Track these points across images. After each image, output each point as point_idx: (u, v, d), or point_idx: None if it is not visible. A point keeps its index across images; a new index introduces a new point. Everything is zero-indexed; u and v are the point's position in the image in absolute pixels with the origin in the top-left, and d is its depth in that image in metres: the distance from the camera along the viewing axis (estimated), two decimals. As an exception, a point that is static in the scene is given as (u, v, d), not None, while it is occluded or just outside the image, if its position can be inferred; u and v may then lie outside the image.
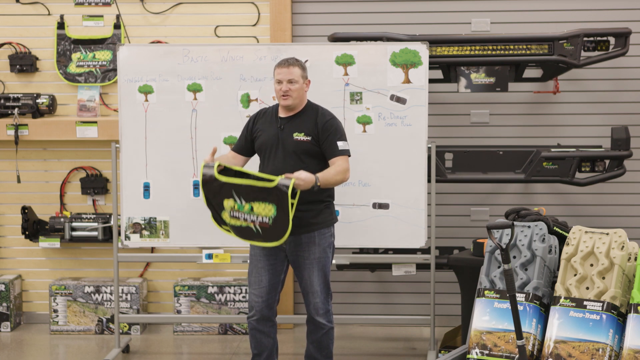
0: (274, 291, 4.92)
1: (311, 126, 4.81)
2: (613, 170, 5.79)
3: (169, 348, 6.16)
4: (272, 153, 4.83)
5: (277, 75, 4.82)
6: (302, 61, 4.89)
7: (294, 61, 4.83)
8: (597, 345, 4.24)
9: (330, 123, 4.83)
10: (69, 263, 6.63)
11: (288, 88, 4.78)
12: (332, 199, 4.92)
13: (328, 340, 4.95)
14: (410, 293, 6.55)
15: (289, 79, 4.78)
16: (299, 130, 4.81)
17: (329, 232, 4.88)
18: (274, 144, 4.83)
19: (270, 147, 4.84)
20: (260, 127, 4.91)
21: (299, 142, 4.79)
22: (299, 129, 4.81)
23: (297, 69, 4.81)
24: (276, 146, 4.82)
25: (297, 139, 4.79)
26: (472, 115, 6.42)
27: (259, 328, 4.94)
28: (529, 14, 6.32)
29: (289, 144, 4.79)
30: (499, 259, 4.70)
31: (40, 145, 6.54)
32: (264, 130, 4.88)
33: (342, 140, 4.83)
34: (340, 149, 4.80)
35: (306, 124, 4.82)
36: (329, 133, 4.79)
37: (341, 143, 4.82)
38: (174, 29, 6.45)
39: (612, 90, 6.35)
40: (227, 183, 4.65)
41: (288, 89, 4.78)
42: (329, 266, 4.91)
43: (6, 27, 6.51)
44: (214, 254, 5.70)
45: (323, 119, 4.83)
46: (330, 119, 4.85)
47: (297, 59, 4.87)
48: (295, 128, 4.82)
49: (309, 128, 4.81)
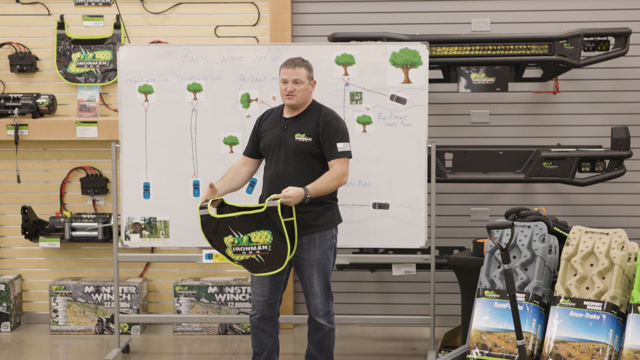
0: (276, 290, 4.91)
1: (313, 127, 4.78)
2: (613, 170, 5.79)
3: (169, 348, 6.16)
4: (275, 154, 4.82)
5: (282, 75, 4.80)
6: (309, 62, 4.87)
7: (301, 61, 4.81)
8: (597, 345, 4.24)
9: (331, 123, 4.79)
10: (69, 263, 6.63)
11: (293, 88, 4.77)
12: (335, 200, 4.90)
13: (329, 341, 4.95)
14: (410, 293, 6.55)
15: (294, 79, 4.77)
16: (300, 131, 4.79)
17: (330, 234, 4.86)
18: (277, 145, 4.81)
19: (273, 148, 4.83)
20: (265, 127, 4.90)
21: (300, 143, 4.77)
22: (301, 129, 4.79)
23: (304, 69, 4.79)
24: (279, 147, 4.81)
25: (298, 140, 4.78)
26: (472, 115, 6.42)
27: (260, 327, 4.94)
28: (529, 14, 6.32)
29: (291, 145, 4.77)
30: (499, 259, 4.70)
31: (40, 145, 6.54)
32: (268, 131, 4.87)
33: (343, 142, 4.79)
34: (339, 150, 4.76)
35: (308, 125, 4.80)
36: (329, 134, 4.77)
37: (341, 145, 4.78)
38: (174, 29, 6.45)
39: (612, 90, 6.35)
40: (222, 219, 4.64)
41: (293, 89, 4.77)
42: (330, 268, 4.89)
43: (6, 27, 6.51)
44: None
45: (325, 120, 4.80)
46: (332, 119, 4.82)
47: (303, 59, 4.84)
48: (297, 129, 4.80)
49: (311, 129, 4.78)
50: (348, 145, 4.81)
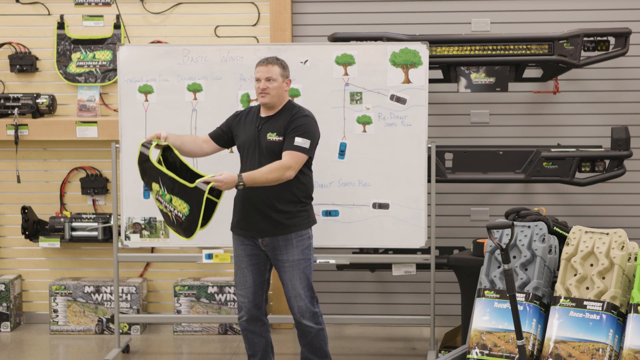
0: (260, 291, 4.93)
1: (284, 126, 4.77)
2: (613, 170, 5.78)
3: (169, 348, 6.16)
4: (249, 153, 4.82)
5: (256, 73, 4.81)
6: (284, 60, 4.87)
7: (274, 60, 4.81)
8: (597, 345, 4.24)
9: (298, 120, 4.76)
10: (69, 263, 6.63)
11: (266, 86, 4.76)
12: (310, 199, 4.89)
13: (320, 342, 4.94)
14: (410, 293, 6.55)
15: (267, 77, 4.77)
16: (272, 130, 4.78)
17: (306, 234, 4.86)
18: (252, 144, 4.81)
19: (248, 147, 4.83)
20: (242, 126, 4.90)
21: (272, 142, 4.76)
22: (273, 129, 4.78)
23: (277, 67, 4.79)
24: (254, 147, 4.81)
25: (270, 139, 4.77)
26: (472, 115, 6.42)
27: (249, 328, 4.96)
28: (529, 14, 6.32)
29: (264, 144, 4.77)
30: (499, 259, 4.70)
31: (40, 145, 6.54)
32: (244, 130, 4.87)
33: (303, 138, 4.72)
34: (294, 144, 4.70)
35: (280, 124, 4.78)
36: (292, 128, 4.74)
37: (300, 139, 4.72)
38: (174, 29, 6.45)
39: (612, 90, 6.35)
40: (155, 167, 4.66)
41: (266, 86, 4.76)
42: (311, 268, 4.89)
43: (6, 27, 6.51)
44: (214, 254, 5.70)
45: (294, 117, 4.77)
46: (300, 116, 4.79)
47: (278, 58, 4.85)
48: (270, 128, 4.79)
49: (282, 128, 4.77)
50: (307, 143, 4.73)
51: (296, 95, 5.58)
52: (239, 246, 4.90)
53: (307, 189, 4.85)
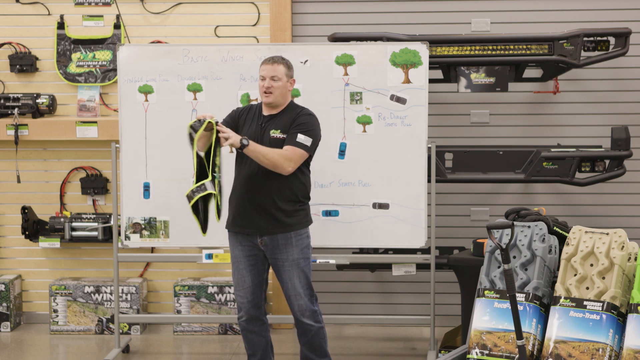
0: (259, 291, 4.93)
1: (288, 123, 4.78)
2: (613, 170, 5.78)
3: (169, 348, 6.16)
4: None
5: (261, 72, 4.81)
6: (289, 60, 4.87)
7: (280, 59, 4.82)
8: (597, 345, 4.24)
9: (303, 119, 4.78)
10: (69, 263, 6.63)
11: (270, 85, 4.77)
12: (308, 199, 4.90)
13: (320, 340, 4.95)
14: (410, 293, 6.54)
15: (272, 75, 4.77)
16: (276, 127, 4.79)
17: (305, 233, 4.87)
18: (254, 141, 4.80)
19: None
20: (244, 122, 4.90)
21: (275, 139, 4.77)
22: (277, 126, 4.80)
23: (282, 67, 4.80)
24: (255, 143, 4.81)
25: (273, 136, 4.78)
26: (472, 115, 6.42)
27: (249, 328, 4.97)
28: (529, 14, 6.32)
29: (266, 141, 4.77)
30: (499, 259, 4.70)
31: (40, 145, 6.54)
32: (246, 127, 4.87)
33: (306, 135, 4.74)
34: (297, 140, 4.72)
35: (284, 122, 4.80)
36: (296, 125, 4.75)
37: (302, 137, 4.73)
38: (174, 29, 6.45)
39: (612, 90, 6.35)
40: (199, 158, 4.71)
41: (270, 85, 4.77)
42: (310, 267, 4.91)
43: (6, 27, 6.51)
44: (214, 254, 5.70)
45: (299, 115, 4.79)
46: (305, 114, 4.81)
47: (283, 57, 4.86)
48: (273, 125, 4.80)
49: (286, 125, 4.78)
50: (309, 141, 4.75)
51: (296, 95, 5.58)
52: (237, 247, 4.90)
53: (306, 189, 4.86)
